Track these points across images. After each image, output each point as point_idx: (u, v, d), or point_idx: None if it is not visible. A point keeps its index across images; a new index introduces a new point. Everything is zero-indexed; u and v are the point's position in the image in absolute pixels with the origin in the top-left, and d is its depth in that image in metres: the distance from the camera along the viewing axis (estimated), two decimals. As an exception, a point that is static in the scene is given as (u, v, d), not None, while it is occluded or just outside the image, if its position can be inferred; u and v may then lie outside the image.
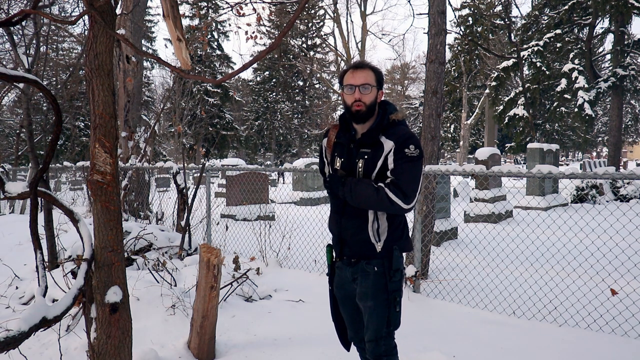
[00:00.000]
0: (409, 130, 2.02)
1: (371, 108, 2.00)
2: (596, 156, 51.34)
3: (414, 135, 1.98)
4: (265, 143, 41.45)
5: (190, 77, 1.78)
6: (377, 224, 1.99)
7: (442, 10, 4.77)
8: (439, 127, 4.81)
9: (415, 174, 1.92)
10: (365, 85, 1.98)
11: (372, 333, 2.01)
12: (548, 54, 19.34)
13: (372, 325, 2.01)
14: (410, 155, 1.91)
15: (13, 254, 5.37)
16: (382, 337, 2.00)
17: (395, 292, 1.99)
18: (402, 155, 1.91)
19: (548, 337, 3.29)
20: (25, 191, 1.92)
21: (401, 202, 1.86)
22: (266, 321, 3.47)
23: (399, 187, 1.88)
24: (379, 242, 1.98)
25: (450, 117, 35.19)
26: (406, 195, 1.87)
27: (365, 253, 2.00)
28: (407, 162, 1.91)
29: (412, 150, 1.91)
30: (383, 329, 1.99)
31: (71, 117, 16.65)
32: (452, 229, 7.14)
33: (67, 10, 10.88)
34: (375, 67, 2.06)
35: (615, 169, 16.07)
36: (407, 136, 1.96)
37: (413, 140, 1.94)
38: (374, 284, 1.99)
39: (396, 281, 1.99)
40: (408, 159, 1.91)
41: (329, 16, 27.87)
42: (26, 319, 1.67)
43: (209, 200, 5.66)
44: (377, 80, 2.03)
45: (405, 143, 1.93)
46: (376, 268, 1.98)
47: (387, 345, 2.02)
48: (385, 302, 1.98)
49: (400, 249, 2.02)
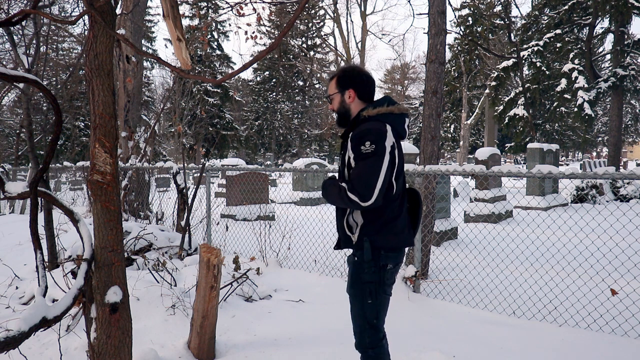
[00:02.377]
0: (371, 125, 1.96)
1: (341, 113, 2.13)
2: (596, 156, 51.34)
3: (371, 130, 1.93)
4: (265, 143, 41.45)
5: (190, 77, 1.78)
6: (352, 217, 2.05)
7: (442, 10, 4.77)
8: (439, 127, 4.81)
9: (369, 171, 1.88)
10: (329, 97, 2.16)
11: (355, 325, 2.09)
12: (548, 54, 19.33)
13: (353, 316, 2.09)
14: (365, 152, 1.90)
15: (13, 254, 5.37)
16: (366, 329, 2.05)
17: (369, 283, 2.01)
18: (358, 153, 1.92)
19: (548, 337, 3.29)
20: (25, 191, 1.92)
21: (358, 199, 1.88)
22: (266, 321, 3.47)
23: (353, 186, 1.90)
24: (353, 234, 2.04)
25: (450, 117, 35.20)
26: (360, 193, 1.87)
27: (347, 243, 2.09)
28: (362, 159, 1.90)
29: (367, 147, 1.89)
30: (363, 321, 2.04)
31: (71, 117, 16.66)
32: (452, 229, 7.14)
33: (67, 10, 10.88)
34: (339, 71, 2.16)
35: (615, 169, 16.06)
36: (362, 133, 1.93)
37: (369, 136, 1.91)
38: (351, 274, 2.07)
39: (370, 273, 2.01)
40: (363, 156, 1.90)
41: (329, 16, 27.89)
42: (26, 319, 1.67)
43: (209, 200, 5.66)
44: (340, 83, 2.12)
45: (360, 140, 1.92)
46: (356, 258, 2.05)
47: (371, 337, 2.05)
48: (360, 292, 2.03)
49: (372, 241, 2.00)
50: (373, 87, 2.15)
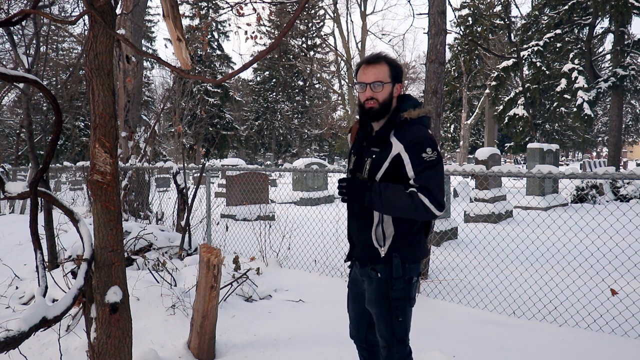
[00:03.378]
0: (423, 131, 1.86)
1: (385, 105, 1.90)
2: (596, 156, 51.34)
3: (428, 136, 1.84)
4: (265, 143, 41.45)
5: (190, 77, 1.78)
6: (382, 227, 1.89)
7: (442, 10, 4.77)
8: (439, 127, 4.81)
9: (441, 178, 1.82)
10: (376, 82, 1.86)
11: (383, 340, 1.96)
12: (548, 54, 19.33)
13: (381, 333, 1.97)
14: (429, 160, 1.80)
15: (13, 254, 5.37)
16: (394, 345, 1.94)
17: (398, 300, 1.90)
18: (421, 161, 1.80)
19: (548, 337, 3.29)
20: (25, 191, 1.92)
21: (435, 209, 1.77)
22: (266, 321, 3.47)
23: (431, 194, 1.77)
24: (383, 246, 1.89)
25: (450, 117, 35.20)
26: (439, 202, 1.78)
27: (370, 256, 1.93)
28: (429, 167, 1.80)
29: (430, 154, 1.80)
30: (391, 338, 1.93)
31: (71, 117, 16.65)
32: (452, 229, 7.14)
33: (67, 10, 10.88)
34: (392, 59, 1.93)
35: (615, 169, 16.06)
36: (419, 139, 1.82)
37: (428, 142, 1.82)
38: (377, 291, 1.93)
39: (399, 289, 1.89)
40: (428, 164, 1.80)
41: (329, 16, 27.91)
42: (26, 319, 1.67)
43: (209, 200, 5.66)
44: (393, 74, 1.90)
45: (419, 147, 1.81)
46: (379, 274, 1.91)
47: (399, 353, 1.96)
48: (388, 311, 1.91)
49: (402, 257, 1.88)
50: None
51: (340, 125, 37.29)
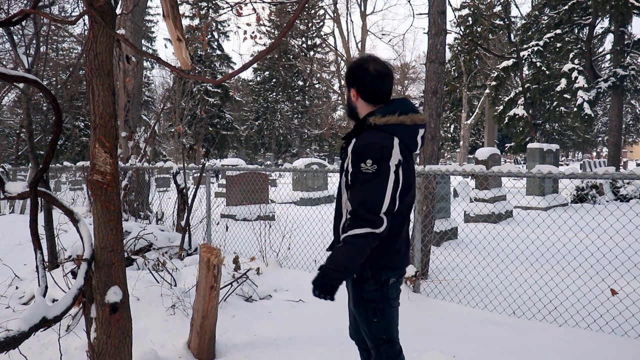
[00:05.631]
0: (375, 139, 1.74)
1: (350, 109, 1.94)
2: (596, 156, 51.34)
3: (374, 146, 1.71)
4: (265, 143, 41.45)
5: (190, 77, 1.78)
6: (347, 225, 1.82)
7: (442, 10, 4.77)
8: (439, 127, 4.81)
9: (373, 193, 1.69)
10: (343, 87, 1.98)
11: (369, 340, 1.96)
12: (548, 54, 19.33)
13: (364, 333, 1.96)
14: (365, 172, 1.69)
15: (13, 254, 5.37)
16: (381, 345, 1.92)
17: (371, 302, 1.86)
18: (358, 171, 1.71)
19: (548, 337, 3.29)
20: (25, 191, 1.92)
21: (370, 229, 1.68)
22: (266, 321, 3.47)
23: (358, 217, 1.69)
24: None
25: (450, 117, 35.21)
26: (369, 220, 1.68)
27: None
28: (362, 181, 1.71)
29: (368, 166, 1.69)
30: (374, 339, 1.92)
31: (71, 117, 16.65)
32: (452, 229, 7.14)
33: (67, 10, 10.89)
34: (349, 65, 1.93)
35: (615, 169, 16.05)
36: (364, 148, 1.72)
37: (371, 153, 1.70)
38: (353, 291, 1.91)
39: (370, 291, 1.85)
40: (363, 176, 1.70)
41: (329, 16, 27.88)
42: (26, 319, 1.67)
43: (209, 200, 5.67)
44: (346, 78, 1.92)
45: (361, 156, 1.71)
46: (355, 275, 1.86)
47: (387, 353, 1.93)
48: (364, 312, 1.89)
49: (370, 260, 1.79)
50: (382, 85, 1.84)
51: (340, 125, 37.30)
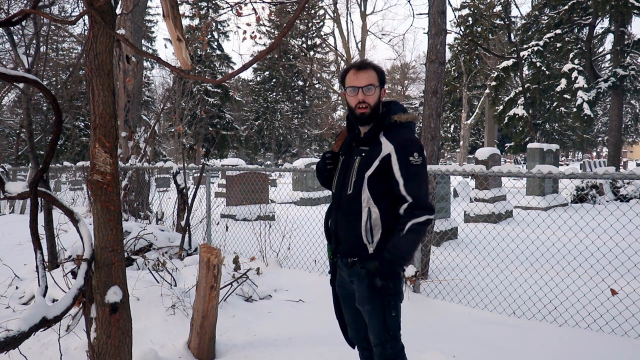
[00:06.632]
0: (411, 135, 1.97)
1: (375, 109, 1.99)
2: (596, 156, 51.33)
3: (416, 141, 1.94)
4: (265, 143, 41.45)
5: (190, 77, 1.78)
6: (370, 223, 1.92)
7: (442, 10, 4.77)
8: (439, 127, 4.81)
9: (425, 182, 1.92)
10: (368, 86, 1.95)
11: (375, 337, 1.98)
12: (548, 54, 19.34)
13: (373, 330, 1.98)
14: (415, 164, 1.89)
15: (13, 254, 5.37)
16: (387, 341, 1.97)
17: (390, 296, 1.94)
18: (408, 164, 1.89)
19: (548, 337, 3.29)
20: (25, 191, 1.92)
21: (427, 216, 1.86)
22: (266, 321, 3.47)
23: (420, 204, 1.87)
24: (371, 243, 1.92)
25: (450, 117, 35.21)
26: (427, 208, 1.87)
27: (359, 253, 1.95)
28: (414, 171, 1.89)
29: (416, 158, 1.89)
30: (384, 334, 1.96)
31: (71, 117, 16.65)
32: (452, 229, 7.14)
33: (67, 10, 10.89)
34: (377, 65, 2.03)
35: (615, 169, 16.05)
36: (409, 142, 1.92)
37: (416, 147, 1.91)
38: (367, 288, 1.94)
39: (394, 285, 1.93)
40: (414, 168, 1.89)
41: (329, 16, 27.89)
42: (26, 319, 1.67)
43: (209, 200, 5.66)
44: (380, 79, 2.01)
45: (407, 149, 1.90)
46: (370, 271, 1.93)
47: (393, 349, 1.99)
48: (380, 307, 1.94)
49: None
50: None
51: (340, 125, 37.29)
